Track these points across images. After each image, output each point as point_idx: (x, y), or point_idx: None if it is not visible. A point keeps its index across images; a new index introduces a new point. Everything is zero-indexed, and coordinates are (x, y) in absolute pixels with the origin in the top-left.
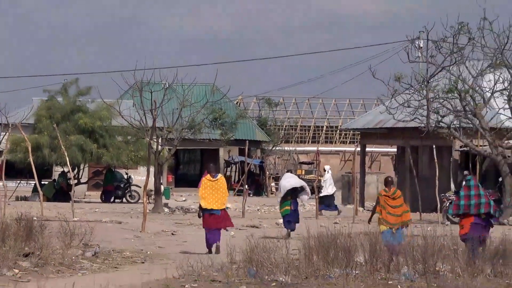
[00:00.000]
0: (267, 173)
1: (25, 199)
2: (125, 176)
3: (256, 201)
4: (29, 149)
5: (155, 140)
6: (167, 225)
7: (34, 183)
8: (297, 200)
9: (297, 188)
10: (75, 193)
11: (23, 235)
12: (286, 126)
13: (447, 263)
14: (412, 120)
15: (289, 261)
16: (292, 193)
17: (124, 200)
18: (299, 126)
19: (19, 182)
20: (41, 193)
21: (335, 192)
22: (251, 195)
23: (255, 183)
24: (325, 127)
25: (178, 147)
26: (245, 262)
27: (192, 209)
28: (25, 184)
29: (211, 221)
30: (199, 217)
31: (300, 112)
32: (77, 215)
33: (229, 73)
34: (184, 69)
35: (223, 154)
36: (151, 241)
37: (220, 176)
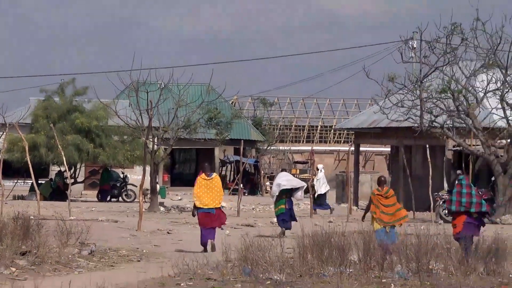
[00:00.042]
0: (262, 172)
1: (22, 198)
2: (121, 175)
3: (251, 200)
4: (26, 148)
5: (151, 139)
6: (163, 224)
7: (31, 182)
8: (292, 199)
9: (294, 192)
10: (71, 192)
11: (20, 233)
12: (280, 126)
13: (440, 262)
14: (405, 120)
15: (284, 259)
16: (287, 192)
17: (120, 199)
18: (293, 125)
19: (16, 181)
20: (38, 192)
21: (328, 191)
22: (246, 194)
23: (250, 182)
24: (319, 127)
25: (173, 147)
26: (240, 260)
27: (187, 208)
28: (22, 183)
29: (206, 220)
30: (193, 216)
31: (294, 112)
32: (73, 214)
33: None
34: (182, 68)
35: (218, 153)
36: (147, 239)
37: (215, 175)
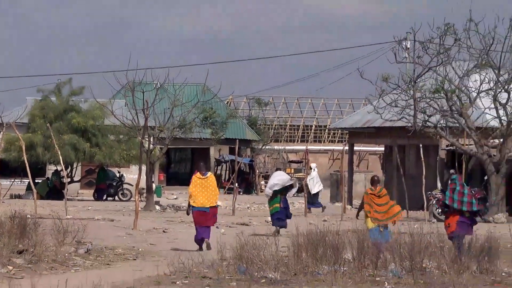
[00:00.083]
0: (257, 171)
1: (19, 197)
2: (118, 174)
3: (246, 199)
4: (23, 148)
5: (147, 139)
6: (159, 223)
7: (28, 181)
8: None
9: (288, 187)
10: (68, 191)
11: (17, 232)
12: (275, 125)
13: (433, 260)
14: (399, 119)
15: (279, 258)
16: (282, 190)
17: (116, 198)
18: (288, 125)
19: (13, 180)
20: (34, 191)
21: (321, 190)
22: (241, 193)
23: (245, 182)
24: (314, 127)
25: (169, 146)
26: (235, 259)
27: (183, 207)
28: (19, 182)
29: (201, 219)
30: (187, 214)
31: (289, 111)
32: (70, 213)
33: (224, 72)
34: (179, 69)
35: (213, 153)
36: (142, 238)
37: (209, 174)
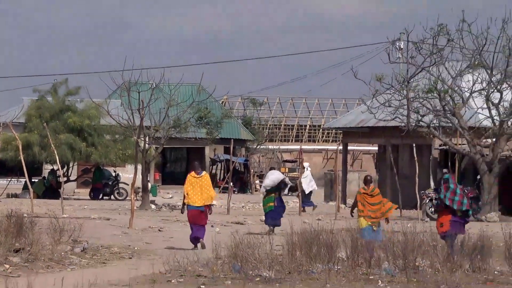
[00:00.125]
0: (252, 171)
1: (15, 196)
2: (113, 174)
3: (240, 198)
4: (20, 147)
5: (143, 138)
6: (154, 222)
7: (24, 180)
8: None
9: (281, 184)
10: (64, 190)
11: (14, 231)
12: (270, 125)
13: (426, 259)
14: (392, 119)
15: (273, 256)
16: (276, 190)
17: (112, 197)
18: (282, 125)
19: (10, 179)
20: (31, 190)
21: (315, 189)
22: (236, 193)
23: (239, 181)
24: (308, 126)
25: (164, 146)
26: (230, 257)
27: (178, 206)
28: (16, 181)
29: (195, 217)
30: (181, 213)
31: (283, 111)
32: (66, 212)
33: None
34: (175, 68)
35: (208, 152)
36: (138, 237)
37: (204, 173)
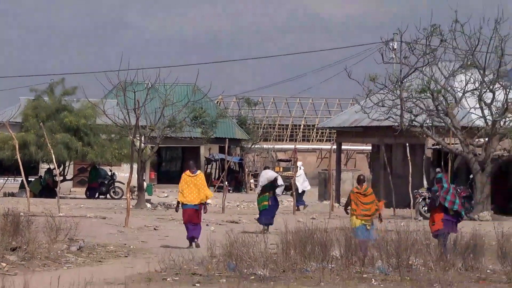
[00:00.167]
0: (246, 170)
1: (12, 195)
2: (109, 173)
3: (235, 197)
4: (17, 146)
5: (138, 138)
6: (150, 221)
7: (21, 179)
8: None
9: (274, 183)
10: (60, 189)
11: (11, 230)
12: (264, 124)
13: (419, 257)
14: (386, 119)
15: (268, 255)
16: (270, 189)
17: (108, 196)
18: (277, 124)
19: (6, 178)
20: (28, 189)
21: (308, 188)
22: (230, 192)
23: (234, 180)
24: (302, 126)
25: (160, 145)
26: (225, 256)
27: (173, 205)
28: (13, 180)
29: (190, 216)
30: (176, 211)
31: (278, 111)
32: (62, 210)
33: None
34: (179, 68)
35: (203, 151)
36: (134, 235)
37: (199, 172)
